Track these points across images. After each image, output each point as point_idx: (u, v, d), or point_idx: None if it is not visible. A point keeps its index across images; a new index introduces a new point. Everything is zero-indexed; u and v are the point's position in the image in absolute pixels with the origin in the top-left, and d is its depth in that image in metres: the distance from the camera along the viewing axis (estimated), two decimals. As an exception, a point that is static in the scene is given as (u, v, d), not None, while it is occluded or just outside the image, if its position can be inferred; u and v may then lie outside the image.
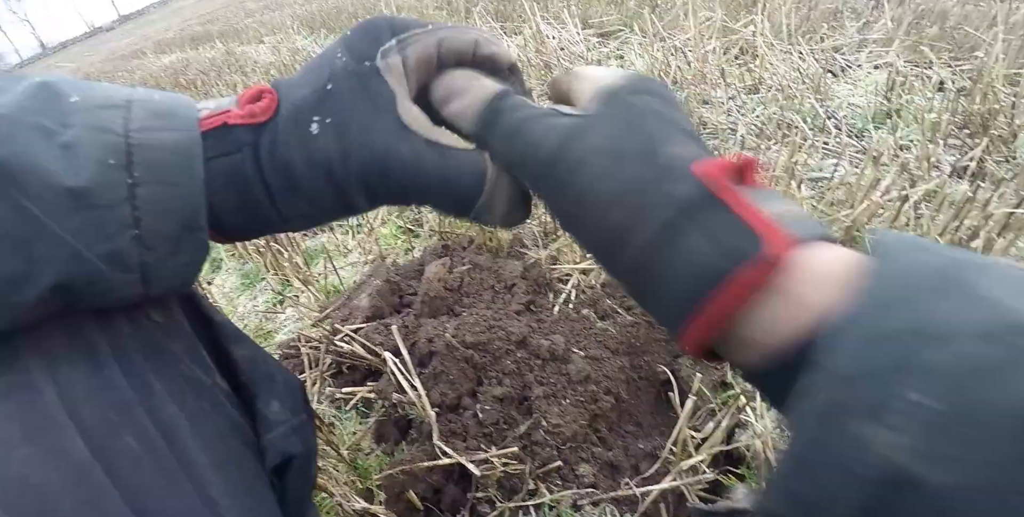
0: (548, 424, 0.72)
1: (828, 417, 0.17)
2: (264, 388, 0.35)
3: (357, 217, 1.35)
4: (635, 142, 0.25)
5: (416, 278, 1.00)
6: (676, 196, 0.23)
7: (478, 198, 0.30)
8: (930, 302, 0.17)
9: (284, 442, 0.34)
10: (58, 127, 0.25)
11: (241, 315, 1.20)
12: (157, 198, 0.26)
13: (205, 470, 0.28)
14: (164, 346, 0.30)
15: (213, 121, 0.28)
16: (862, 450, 0.16)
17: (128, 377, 0.28)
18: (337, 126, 0.28)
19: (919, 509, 0.15)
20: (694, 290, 0.22)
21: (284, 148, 0.28)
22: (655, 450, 0.75)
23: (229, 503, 0.28)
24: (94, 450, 0.25)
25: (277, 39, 4.05)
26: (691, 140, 0.26)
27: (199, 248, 0.28)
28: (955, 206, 1.05)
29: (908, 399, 0.16)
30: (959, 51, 1.72)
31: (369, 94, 0.28)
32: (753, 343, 0.22)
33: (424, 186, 0.29)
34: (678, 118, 0.27)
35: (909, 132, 1.39)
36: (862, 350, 0.17)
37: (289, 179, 0.29)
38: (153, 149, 0.26)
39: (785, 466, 0.19)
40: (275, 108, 0.29)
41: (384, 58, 0.29)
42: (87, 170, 0.24)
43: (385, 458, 0.79)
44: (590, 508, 0.70)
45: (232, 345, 0.35)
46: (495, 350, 0.76)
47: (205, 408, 0.31)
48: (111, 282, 0.26)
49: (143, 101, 0.27)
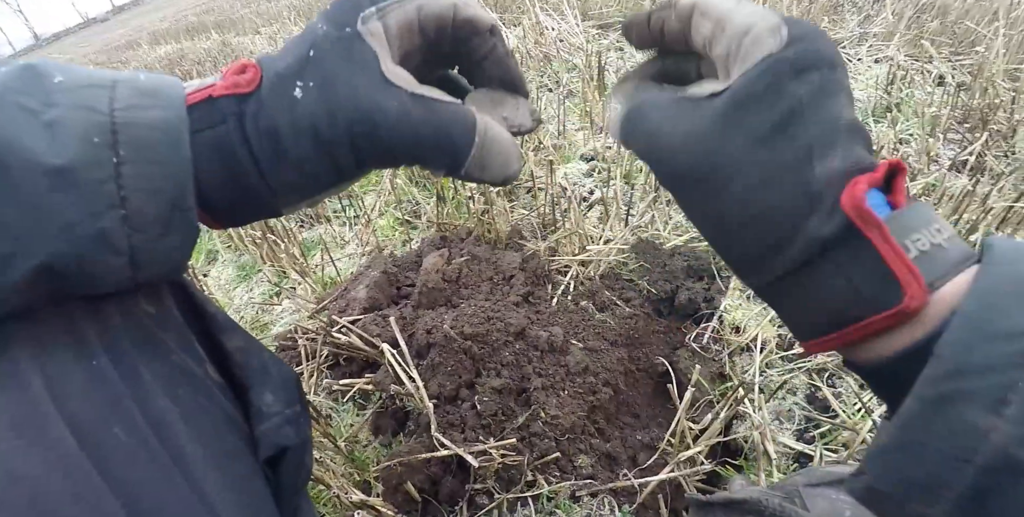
0: (546, 415, 0.71)
1: (944, 404, 0.19)
2: (257, 379, 0.34)
3: (354, 208, 1.34)
4: (790, 153, 0.23)
5: (414, 269, 0.99)
6: (822, 236, 0.23)
7: (469, 151, 0.29)
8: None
9: (277, 434, 0.33)
10: (41, 106, 0.24)
11: (237, 307, 1.19)
12: (144, 176, 0.25)
13: (197, 462, 0.27)
14: (156, 337, 0.30)
15: (198, 95, 0.28)
16: (978, 438, 0.18)
17: (118, 368, 0.27)
18: (321, 87, 0.28)
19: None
20: (825, 325, 0.24)
21: (269, 115, 0.28)
22: (653, 441, 0.75)
23: (222, 496, 0.27)
24: (83, 442, 0.24)
25: (274, 29, 4.01)
26: (852, 137, 0.24)
27: (188, 229, 0.27)
28: (955, 200, 1.04)
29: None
30: (960, 46, 1.72)
31: (352, 56, 0.28)
32: (873, 353, 0.24)
33: (413, 141, 0.28)
34: (842, 106, 0.24)
35: (909, 126, 1.39)
36: (983, 346, 0.19)
37: (275, 145, 0.28)
38: (139, 127, 0.25)
39: (893, 447, 0.20)
40: (259, 79, 0.29)
41: (365, 24, 0.28)
42: (71, 148, 0.24)
43: (383, 450, 0.78)
44: (588, 499, 0.69)
45: (225, 336, 0.35)
46: (493, 341, 0.75)
47: (198, 400, 0.30)
48: (100, 265, 0.25)
49: (128, 81, 0.27)
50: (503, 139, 0.30)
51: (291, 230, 1.25)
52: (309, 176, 0.29)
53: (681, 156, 0.25)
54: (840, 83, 0.25)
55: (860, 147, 0.24)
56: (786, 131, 0.23)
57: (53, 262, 0.24)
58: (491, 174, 0.30)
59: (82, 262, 0.24)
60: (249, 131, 0.28)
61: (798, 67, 0.24)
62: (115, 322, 0.28)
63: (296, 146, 0.28)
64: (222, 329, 0.35)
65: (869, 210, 0.22)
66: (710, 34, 0.26)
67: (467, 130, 0.29)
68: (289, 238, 1.18)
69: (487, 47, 0.32)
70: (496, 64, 0.33)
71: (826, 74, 0.24)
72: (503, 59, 0.33)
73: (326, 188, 0.31)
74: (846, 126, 0.24)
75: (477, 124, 0.29)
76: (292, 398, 0.36)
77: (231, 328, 0.35)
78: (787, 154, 0.23)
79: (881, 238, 0.22)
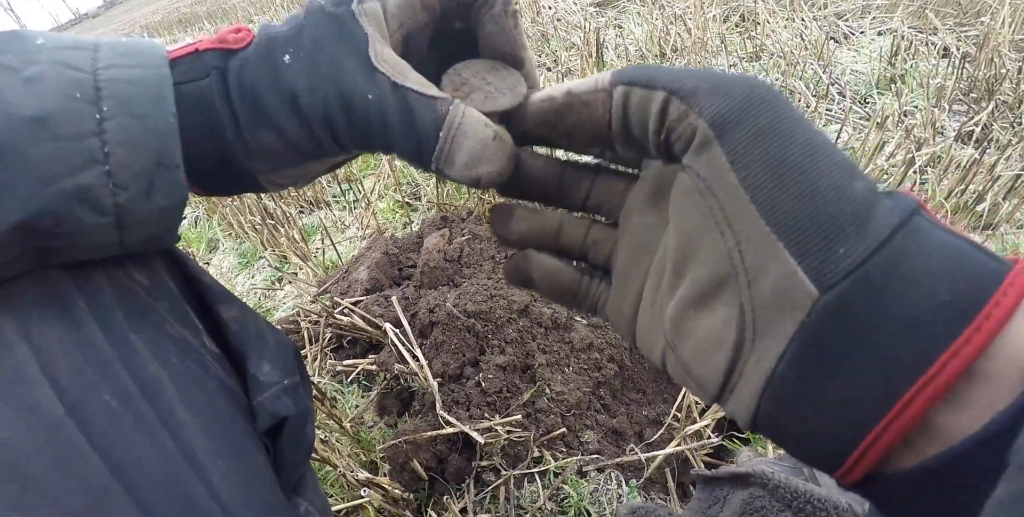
0: (552, 392, 0.71)
1: None
2: (254, 349, 0.34)
3: (354, 192, 1.33)
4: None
5: (415, 250, 0.98)
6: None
7: (434, 145, 0.27)
8: None
9: (275, 404, 0.33)
10: (22, 64, 0.24)
11: (240, 294, 1.19)
12: (127, 131, 0.24)
13: (190, 430, 0.27)
14: (148, 307, 0.29)
15: (184, 49, 0.28)
16: None
17: (108, 336, 0.26)
18: (308, 58, 0.27)
19: None
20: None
21: (252, 74, 0.27)
22: (659, 416, 0.75)
23: (216, 464, 0.27)
24: (69, 407, 0.24)
25: (267, 18, 3.97)
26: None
27: (176, 188, 0.26)
28: (961, 169, 1.03)
29: None
30: (964, 16, 1.68)
31: (342, 34, 0.27)
32: (934, 440, 0.17)
33: (383, 128, 0.27)
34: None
35: (913, 97, 1.37)
36: None
37: (255, 106, 0.28)
38: (121, 83, 0.25)
39: None
40: (249, 40, 0.28)
41: (361, 3, 0.28)
42: (51, 101, 0.23)
43: (388, 430, 0.78)
44: (595, 474, 0.69)
45: (221, 306, 0.34)
46: (497, 319, 0.75)
47: (192, 369, 0.29)
48: (83, 225, 0.24)
49: (111, 44, 0.27)
50: (475, 136, 0.27)
51: (291, 215, 1.24)
52: (288, 143, 0.29)
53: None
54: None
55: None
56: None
57: (32, 219, 0.23)
58: (456, 172, 0.28)
59: (62, 220, 0.24)
60: (231, 86, 0.28)
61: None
62: (105, 291, 0.27)
63: (275, 110, 0.28)
64: (218, 299, 0.34)
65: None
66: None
67: (435, 125, 0.27)
68: (289, 223, 1.17)
69: (488, 6, 0.30)
70: (492, 20, 0.31)
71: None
72: (499, 16, 0.31)
73: (307, 160, 0.30)
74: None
75: (448, 121, 0.27)
76: (290, 368, 0.35)
77: (227, 298, 0.35)
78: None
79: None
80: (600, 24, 1.84)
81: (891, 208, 0.19)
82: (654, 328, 0.25)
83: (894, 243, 0.18)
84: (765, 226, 0.19)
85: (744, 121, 0.20)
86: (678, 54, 1.62)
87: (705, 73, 0.22)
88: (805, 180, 0.19)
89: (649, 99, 0.22)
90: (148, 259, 0.31)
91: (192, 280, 0.34)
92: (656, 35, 1.68)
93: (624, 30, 1.84)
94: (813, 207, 0.19)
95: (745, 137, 0.20)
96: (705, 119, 0.20)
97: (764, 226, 0.19)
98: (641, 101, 0.22)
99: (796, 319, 0.18)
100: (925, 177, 1.11)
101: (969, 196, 1.02)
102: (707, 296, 0.21)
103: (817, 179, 0.19)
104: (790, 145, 0.19)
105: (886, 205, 0.19)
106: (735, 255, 0.20)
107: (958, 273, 0.17)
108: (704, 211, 0.21)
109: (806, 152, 0.19)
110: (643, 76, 0.22)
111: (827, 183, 0.19)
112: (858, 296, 0.18)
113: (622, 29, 1.85)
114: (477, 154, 0.28)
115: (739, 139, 0.20)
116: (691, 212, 0.22)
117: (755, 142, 0.19)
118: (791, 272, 0.18)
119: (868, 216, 0.18)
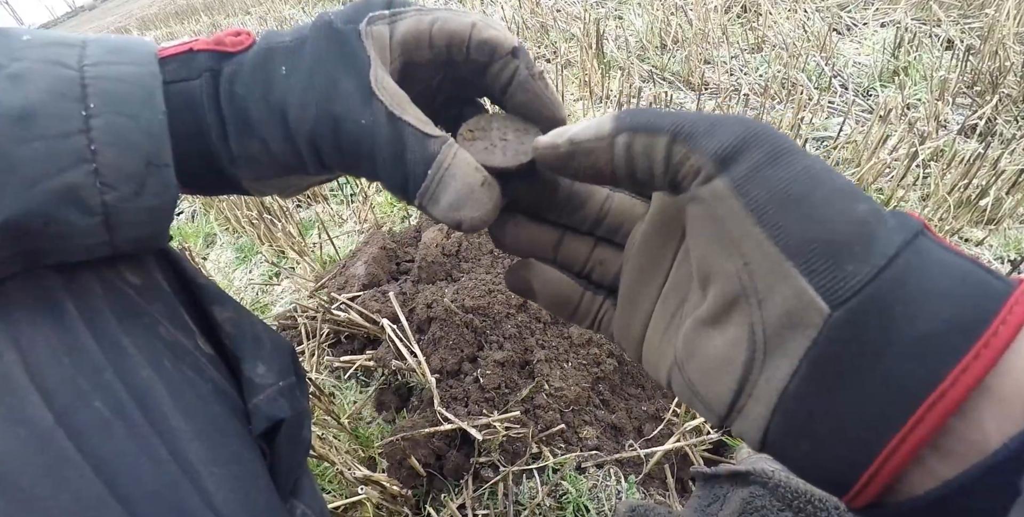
0: (550, 388, 0.71)
1: None
2: (249, 351, 0.33)
3: (352, 186, 1.32)
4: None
5: (413, 245, 0.98)
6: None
7: (420, 183, 0.27)
8: None
9: (271, 406, 0.32)
10: (6, 60, 0.23)
11: (237, 289, 1.18)
12: (115, 129, 0.24)
13: (184, 437, 0.26)
14: (140, 309, 0.28)
15: (178, 48, 0.27)
16: None
17: (99, 341, 0.25)
18: (305, 73, 0.27)
19: None
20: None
21: (245, 80, 0.27)
22: (658, 412, 0.75)
23: (211, 471, 0.26)
24: (59, 416, 0.23)
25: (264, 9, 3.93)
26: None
27: (166, 188, 0.26)
28: (965, 163, 1.02)
29: None
30: (968, 8, 1.67)
31: (343, 54, 0.27)
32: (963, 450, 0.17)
33: (371, 156, 0.27)
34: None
35: (917, 90, 1.36)
36: None
37: (243, 113, 0.27)
38: (108, 80, 0.24)
39: None
40: (248, 45, 0.27)
41: (370, 25, 0.27)
42: (36, 99, 0.23)
43: (386, 427, 0.78)
44: (594, 470, 0.69)
45: (215, 307, 0.33)
46: (495, 314, 0.74)
47: (185, 372, 0.29)
48: (71, 226, 0.24)
49: (99, 41, 0.26)
50: (464, 179, 0.27)
51: (288, 209, 1.23)
52: (270, 154, 0.28)
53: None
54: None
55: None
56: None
57: (19, 220, 0.22)
58: (439, 212, 0.27)
59: (50, 220, 0.23)
60: (222, 90, 0.27)
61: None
62: (95, 294, 0.27)
63: (262, 121, 0.27)
64: (213, 300, 0.33)
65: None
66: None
67: (424, 163, 0.26)
68: (286, 217, 1.16)
69: (510, 71, 0.30)
70: (522, 89, 0.30)
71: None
72: (527, 83, 0.30)
73: (288, 174, 0.30)
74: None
75: (439, 161, 0.27)
76: (286, 369, 0.34)
77: (222, 299, 0.34)
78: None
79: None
80: (600, 15, 1.82)
81: (896, 228, 0.19)
82: (662, 348, 0.26)
83: (900, 261, 0.18)
84: (773, 247, 0.19)
85: (743, 155, 0.20)
86: (679, 46, 1.60)
87: (702, 115, 0.22)
88: (807, 204, 0.19)
89: (652, 145, 0.22)
90: (141, 260, 0.30)
91: (187, 280, 0.33)
92: (657, 26, 1.67)
93: (624, 21, 1.82)
94: (818, 228, 0.19)
95: (745, 169, 0.20)
96: (707, 157, 0.21)
97: (772, 247, 0.19)
98: (645, 148, 0.23)
99: (808, 337, 0.18)
100: (928, 171, 1.10)
101: (972, 191, 1.02)
102: (719, 316, 0.21)
103: (819, 203, 0.19)
104: (790, 173, 0.20)
105: (891, 225, 0.19)
106: (743, 276, 0.20)
107: (963, 291, 0.17)
108: (711, 235, 0.21)
109: (806, 179, 0.20)
110: (644, 122, 0.23)
111: (829, 206, 0.19)
112: (868, 313, 0.18)
113: (622, 20, 1.83)
114: (463, 197, 0.27)
115: (740, 171, 0.20)
116: (701, 237, 0.22)
117: (756, 172, 0.20)
118: (801, 290, 0.19)
119: (873, 236, 0.19)
